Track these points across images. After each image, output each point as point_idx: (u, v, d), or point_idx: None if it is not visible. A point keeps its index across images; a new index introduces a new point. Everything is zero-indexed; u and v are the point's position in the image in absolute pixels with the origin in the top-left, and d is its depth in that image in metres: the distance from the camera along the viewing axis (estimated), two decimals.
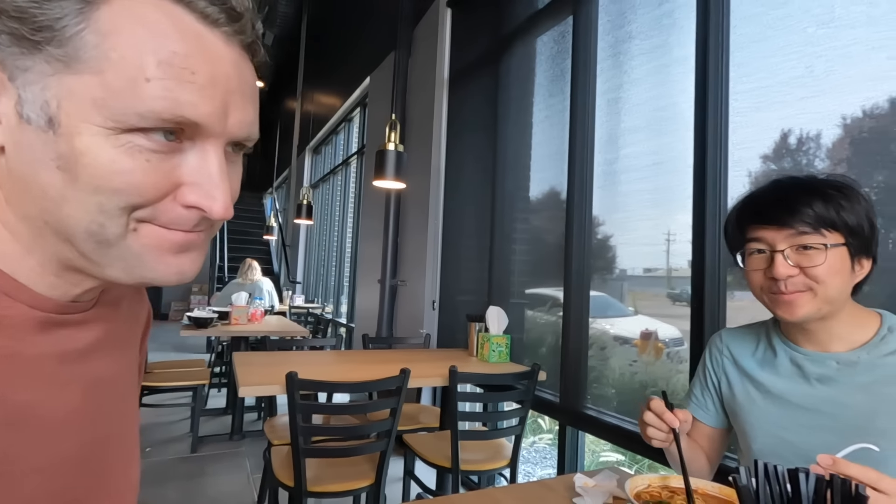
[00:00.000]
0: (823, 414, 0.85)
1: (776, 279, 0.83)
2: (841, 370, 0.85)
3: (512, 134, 2.84)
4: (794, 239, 0.82)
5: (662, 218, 1.87)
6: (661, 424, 0.85)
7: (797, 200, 0.82)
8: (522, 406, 2.09)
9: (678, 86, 1.81)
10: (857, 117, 1.31)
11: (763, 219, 0.85)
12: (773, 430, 0.91)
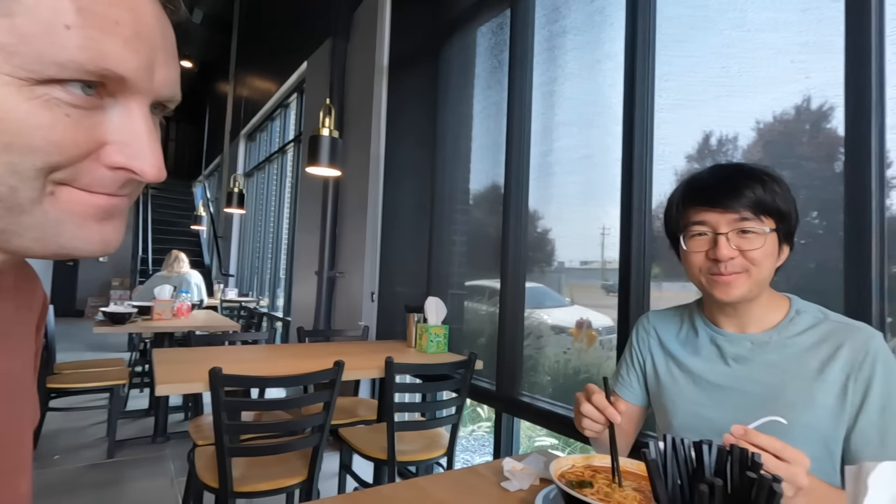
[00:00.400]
0: (738, 391, 0.91)
1: (718, 261, 0.87)
2: (754, 350, 0.91)
3: (452, 124, 2.84)
4: (737, 223, 0.86)
5: (597, 212, 1.94)
6: (600, 417, 0.85)
7: (741, 185, 0.86)
8: (459, 395, 2.10)
9: (608, 81, 1.87)
10: (766, 117, 1.41)
11: (708, 202, 0.88)
12: (693, 407, 0.96)
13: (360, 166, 3.50)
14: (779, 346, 0.89)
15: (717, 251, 0.86)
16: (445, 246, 2.83)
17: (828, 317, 0.90)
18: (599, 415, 0.85)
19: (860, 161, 1.22)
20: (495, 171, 2.46)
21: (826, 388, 0.83)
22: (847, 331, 0.86)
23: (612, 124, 1.84)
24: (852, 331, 0.86)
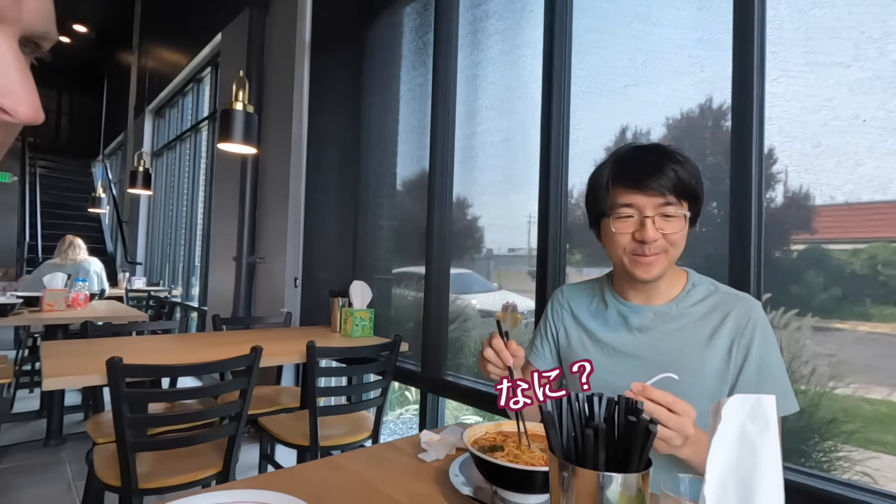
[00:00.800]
0: (641, 358, 0.98)
1: (644, 242, 0.91)
2: (656, 320, 0.98)
3: (378, 105, 2.79)
4: (661, 208, 0.90)
5: (523, 200, 2.00)
6: (498, 360, 0.90)
7: (666, 168, 0.90)
8: (384, 377, 2.10)
9: (528, 67, 1.93)
10: (669, 109, 1.52)
11: (636, 185, 0.91)
12: (601, 374, 1.01)
13: (281, 146, 3.35)
14: (677, 316, 0.97)
15: (644, 233, 0.90)
16: (372, 230, 2.79)
17: (718, 288, 0.99)
18: (498, 358, 0.90)
19: (743, 155, 1.34)
20: (421, 155, 2.46)
21: (715, 352, 0.92)
22: (733, 301, 0.95)
23: (531, 109, 1.90)
24: (738, 300, 0.95)
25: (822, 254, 1.25)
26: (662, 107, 1.53)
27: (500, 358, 0.90)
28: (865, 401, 1.23)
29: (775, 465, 0.42)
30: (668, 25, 1.52)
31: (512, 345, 0.91)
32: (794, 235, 1.28)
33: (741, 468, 0.42)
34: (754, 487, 0.41)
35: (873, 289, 1.16)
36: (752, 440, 0.43)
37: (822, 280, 1.24)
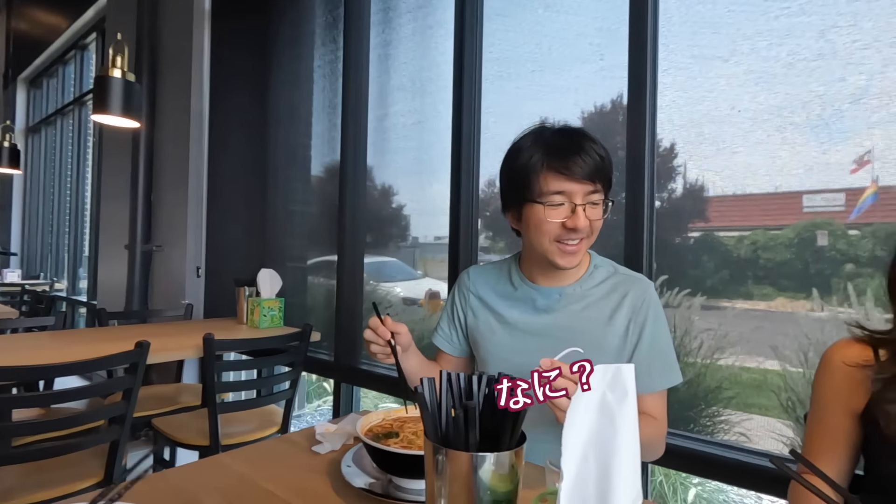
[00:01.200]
0: (546, 337, 0.99)
1: (576, 230, 0.90)
2: (561, 301, 1.00)
3: (287, 82, 2.62)
4: (590, 195, 0.90)
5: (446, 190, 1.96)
6: (377, 337, 0.89)
7: (594, 156, 0.89)
8: (294, 369, 2.00)
9: (439, 48, 1.90)
10: (571, 91, 1.56)
11: (569, 173, 0.89)
12: (507, 355, 1.03)
13: (179, 124, 3.06)
14: (581, 297, 1.00)
15: (577, 221, 0.89)
16: (285, 216, 2.64)
17: (617, 270, 1.03)
18: (377, 335, 0.89)
19: (637, 143, 1.41)
20: (333, 136, 2.35)
21: (614, 331, 0.96)
22: (631, 282, 1.00)
23: (443, 91, 1.87)
24: (635, 282, 1.00)
25: (714, 240, 1.35)
26: (567, 93, 1.57)
27: (378, 334, 0.89)
28: (743, 369, 1.37)
29: (633, 433, 0.43)
30: (571, 12, 1.55)
31: (388, 321, 0.91)
32: (691, 223, 1.37)
33: (601, 438, 0.43)
34: (612, 456, 0.42)
35: (754, 271, 1.28)
36: (612, 410, 0.44)
37: (714, 264, 1.34)
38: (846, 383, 0.74)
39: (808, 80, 1.18)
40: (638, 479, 0.42)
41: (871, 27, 1.10)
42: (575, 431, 0.42)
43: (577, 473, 0.41)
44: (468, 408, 0.44)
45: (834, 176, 1.15)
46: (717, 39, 1.29)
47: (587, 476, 0.41)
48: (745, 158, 1.27)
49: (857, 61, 1.12)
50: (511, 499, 0.45)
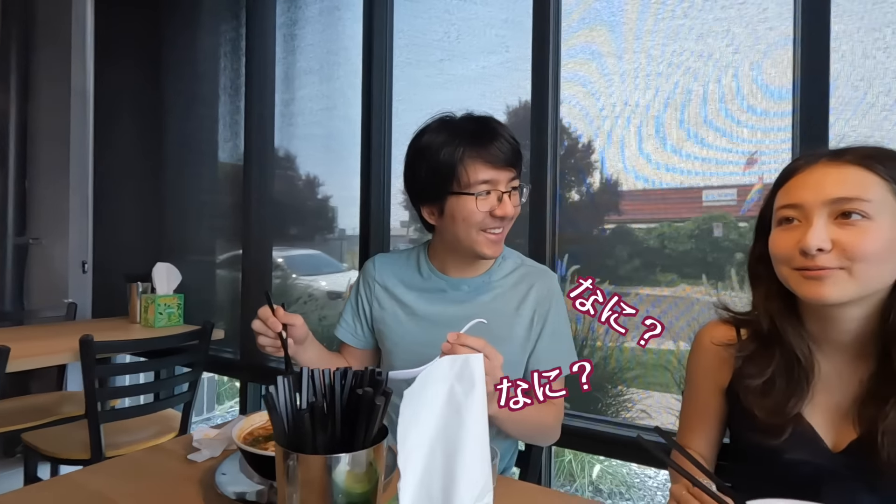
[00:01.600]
0: (455, 328, 0.97)
1: (504, 218, 0.89)
2: (470, 292, 1.00)
3: (185, 61, 2.40)
4: (512, 182, 0.90)
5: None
6: (267, 329, 0.84)
7: (510, 142, 0.89)
8: (194, 370, 1.86)
9: (347, 30, 1.83)
10: (478, 82, 1.56)
11: (494, 161, 0.88)
12: (415, 346, 1.00)
13: (58, 103, 2.71)
14: (489, 288, 1.00)
15: (505, 209, 0.89)
16: (187, 206, 2.43)
17: (524, 262, 1.04)
18: (266, 327, 0.84)
19: (541, 135, 1.44)
20: (235, 120, 2.20)
21: (520, 321, 0.97)
22: (537, 273, 1.02)
23: (352, 77, 1.81)
24: (540, 273, 1.02)
25: (627, 231, 1.42)
26: (475, 83, 1.57)
27: (268, 326, 0.84)
28: (644, 350, 1.46)
29: (480, 424, 0.42)
30: (479, 2, 1.55)
31: (280, 312, 0.86)
32: (606, 216, 1.43)
33: (448, 431, 0.42)
34: (458, 448, 0.41)
35: (661, 260, 1.36)
36: (459, 402, 0.43)
37: (627, 253, 1.41)
38: (714, 361, 0.80)
39: (690, 80, 1.26)
40: (486, 471, 0.42)
41: (740, 32, 1.20)
42: (420, 427, 0.41)
43: (425, 468, 0.40)
44: (314, 407, 0.41)
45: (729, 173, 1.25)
46: (612, 37, 1.35)
47: (434, 470, 0.40)
48: (635, 152, 1.34)
49: (729, 64, 1.21)
50: (369, 499, 0.43)
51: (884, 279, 0.63)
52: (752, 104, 1.20)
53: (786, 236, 0.66)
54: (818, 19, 1.10)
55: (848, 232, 0.61)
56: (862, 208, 0.61)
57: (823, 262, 0.62)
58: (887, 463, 0.61)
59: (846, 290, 0.62)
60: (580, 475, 2.43)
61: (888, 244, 0.61)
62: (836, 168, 0.64)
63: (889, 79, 1.06)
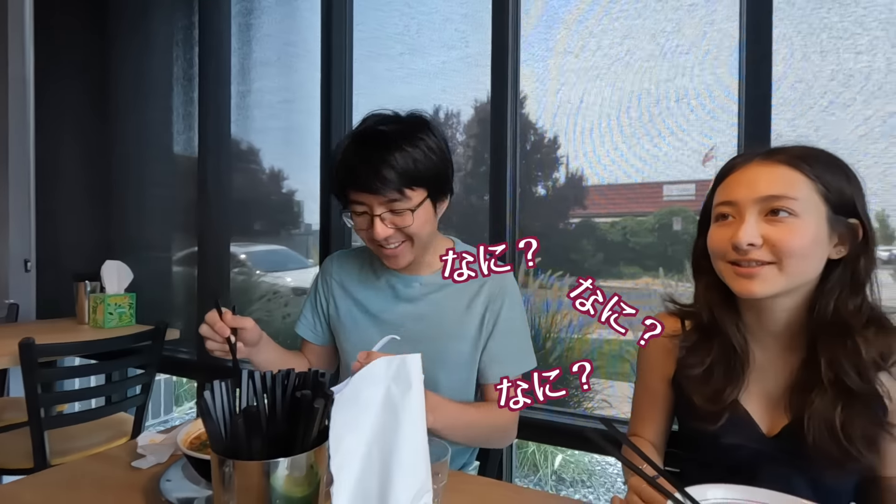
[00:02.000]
0: (407, 328, 0.97)
1: (373, 240, 0.89)
2: (422, 290, 0.99)
3: (134, 49, 2.29)
4: (388, 205, 0.86)
5: None
6: (216, 335, 0.82)
7: (382, 165, 0.84)
8: (147, 371, 1.79)
9: (306, 21, 1.78)
10: (438, 77, 1.55)
11: (358, 186, 0.86)
12: (368, 346, 0.97)
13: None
14: (442, 286, 0.99)
15: (374, 232, 0.87)
16: (139, 200, 2.33)
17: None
18: (214, 332, 0.82)
19: (500, 131, 1.45)
20: (189, 112, 2.11)
21: (471, 319, 0.97)
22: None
23: (312, 69, 1.77)
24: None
25: (592, 226, 1.44)
26: (435, 78, 1.56)
27: (215, 331, 0.82)
28: (605, 341, 1.49)
29: (417, 424, 0.42)
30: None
31: (228, 316, 0.83)
32: (572, 210, 1.45)
33: (385, 432, 0.42)
34: (395, 449, 0.41)
35: (624, 253, 1.39)
36: (395, 403, 0.43)
37: (592, 247, 1.43)
38: (661, 352, 0.83)
39: (643, 79, 1.29)
40: (424, 471, 0.42)
41: (690, 33, 1.24)
42: (356, 430, 0.40)
43: (362, 470, 0.40)
44: (247, 413, 0.40)
45: (688, 168, 1.28)
46: (568, 35, 1.37)
47: (370, 473, 0.40)
48: (591, 149, 1.37)
49: (679, 64, 1.25)
50: (310, 502, 0.42)
51: (810, 273, 0.66)
52: (703, 103, 1.24)
53: (721, 232, 0.69)
54: (761, 22, 1.15)
55: (777, 228, 0.64)
56: (789, 206, 0.64)
57: (754, 257, 0.65)
58: (813, 447, 0.65)
59: (774, 285, 0.65)
60: (543, 465, 2.48)
61: (813, 240, 0.64)
62: (768, 167, 0.67)
63: (825, 81, 1.12)
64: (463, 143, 1.58)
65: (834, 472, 0.66)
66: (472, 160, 1.56)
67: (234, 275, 2.13)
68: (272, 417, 0.43)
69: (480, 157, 1.56)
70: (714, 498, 0.57)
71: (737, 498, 0.57)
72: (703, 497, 0.55)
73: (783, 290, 0.66)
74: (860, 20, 1.08)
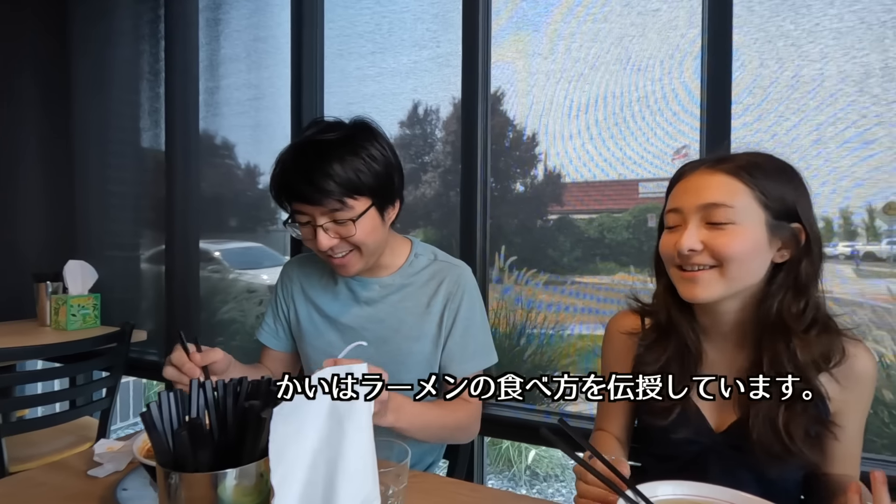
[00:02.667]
0: (368, 330, 0.97)
1: (319, 250, 0.87)
2: (382, 292, 0.98)
3: (95, 39, 2.22)
4: (329, 215, 0.85)
5: None
6: (181, 376, 0.77)
7: (319, 176, 0.82)
8: (112, 374, 1.75)
9: (276, 18, 1.75)
10: (410, 76, 1.55)
11: (297, 197, 0.85)
12: (329, 350, 0.98)
13: None
14: (401, 287, 0.99)
15: (318, 243, 0.86)
16: (104, 196, 2.26)
17: (437, 257, 1.03)
18: (180, 374, 0.77)
19: (471, 134, 1.45)
20: (156, 108, 2.06)
21: (431, 318, 0.97)
22: (448, 268, 1.00)
23: (282, 66, 1.74)
24: (451, 268, 1.00)
25: (569, 222, 1.45)
26: (406, 77, 1.56)
27: (183, 373, 0.76)
28: (579, 337, 1.51)
29: (363, 432, 0.43)
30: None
31: (196, 355, 0.78)
32: (549, 207, 1.46)
33: (330, 442, 0.42)
34: (340, 459, 0.41)
35: (601, 249, 1.40)
36: (341, 412, 0.43)
37: (569, 243, 1.45)
38: (622, 349, 0.85)
39: (609, 82, 1.32)
40: (371, 478, 0.43)
41: (655, 38, 1.26)
42: (300, 441, 0.41)
43: (307, 482, 0.40)
44: (193, 425, 0.40)
45: (665, 165, 1.31)
46: (537, 38, 1.38)
47: (315, 484, 0.40)
48: (562, 150, 1.39)
49: (645, 67, 1.27)
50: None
51: (751, 276, 0.69)
52: (670, 106, 1.27)
53: (669, 238, 0.73)
54: (721, 29, 1.18)
55: (716, 235, 0.68)
56: (727, 214, 0.67)
57: (696, 261, 0.68)
58: (758, 443, 0.68)
59: (716, 289, 0.68)
60: (517, 461, 2.51)
61: (752, 245, 0.67)
62: (711, 176, 0.70)
63: (781, 87, 1.15)
64: (442, 139, 1.58)
65: (778, 468, 0.69)
66: (451, 156, 1.56)
67: (208, 273, 2.09)
68: (223, 427, 0.43)
69: (459, 153, 1.56)
70: (664, 494, 0.59)
71: (687, 494, 0.60)
72: (653, 494, 0.57)
73: (724, 293, 0.69)
74: (813, 30, 1.12)
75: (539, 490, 2.40)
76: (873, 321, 1.13)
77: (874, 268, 1.15)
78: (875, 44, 1.08)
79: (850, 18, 1.10)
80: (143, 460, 0.64)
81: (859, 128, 1.10)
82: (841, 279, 1.16)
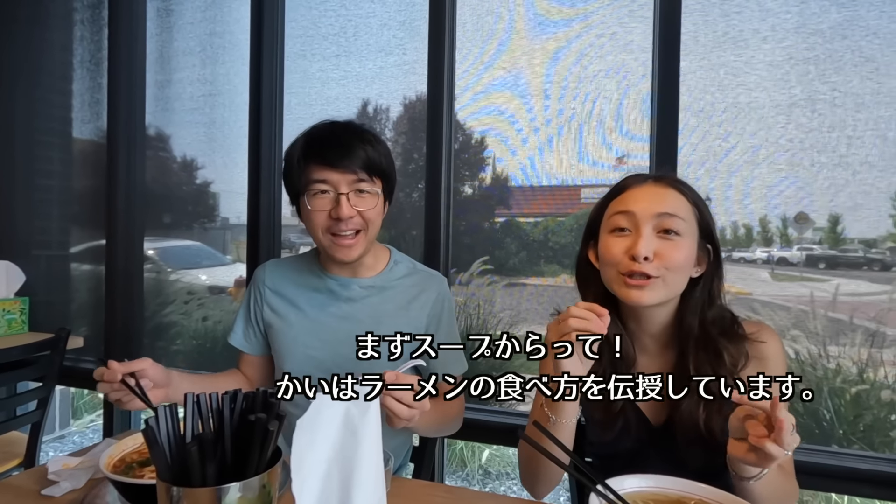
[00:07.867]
0: (344, 329, 0.97)
1: (340, 219, 0.88)
2: (361, 292, 1.00)
3: (26, 21, 2.05)
4: (355, 184, 0.88)
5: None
6: (111, 386, 0.76)
7: (355, 146, 0.88)
8: (44, 385, 1.62)
9: (234, 13, 1.70)
10: (375, 81, 1.55)
11: (329, 163, 0.88)
12: (303, 349, 0.99)
13: None
14: (381, 289, 1.01)
15: (340, 210, 0.88)
16: (29, 192, 2.08)
17: (416, 267, 1.07)
18: (109, 385, 0.77)
19: (436, 143, 1.48)
20: (97, 99, 1.93)
21: (409, 322, 1.00)
22: (429, 279, 1.05)
23: (240, 62, 1.69)
24: (432, 279, 1.05)
25: (515, 225, 1.50)
26: (372, 82, 1.56)
27: (107, 382, 0.76)
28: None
29: (375, 443, 0.45)
30: (376, 0, 1.54)
31: (115, 364, 0.77)
32: (497, 210, 1.50)
33: (345, 452, 0.43)
34: (354, 468, 0.43)
35: (545, 252, 1.46)
36: (355, 423, 0.45)
37: (515, 246, 1.49)
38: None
39: (569, 99, 1.39)
40: (380, 487, 0.44)
41: (611, 59, 1.35)
42: (316, 451, 0.42)
43: (322, 491, 0.41)
44: (202, 439, 0.40)
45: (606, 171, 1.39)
46: (502, 52, 1.43)
47: (331, 493, 0.41)
48: (520, 159, 1.44)
49: (601, 87, 1.36)
50: None
51: (681, 287, 0.76)
52: (623, 123, 1.35)
53: (617, 242, 0.75)
54: (670, 55, 1.28)
55: (666, 245, 0.73)
56: (679, 225, 0.73)
57: (646, 270, 0.72)
58: (683, 438, 0.75)
59: (659, 295, 0.74)
60: (471, 461, 2.56)
61: (688, 257, 0.74)
62: (662, 189, 0.76)
63: (720, 112, 1.27)
64: (392, 139, 1.59)
65: (706, 458, 0.76)
66: (402, 157, 1.58)
67: (145, 273, 1.98)
68: (220, 441, 0.43)
69: (410, 155, 1.58)
70: (630, 487, 0.64)
71: (652, 486, 0.65)
72: (620, 487, 0.62)
73: (664, 300, 0.75)
74: (749, 61, 1.24)
75: (492, 488, 2.46)
76: (792, 322, 1.27)
77: (788, 272, 1.29)
78: (800, 77, 1.22)
79: (780, 53, 1.23)
80: (114, 476, 0.62)
81: (786, 150, 1.23)
82: (761, 282, 1.30)
